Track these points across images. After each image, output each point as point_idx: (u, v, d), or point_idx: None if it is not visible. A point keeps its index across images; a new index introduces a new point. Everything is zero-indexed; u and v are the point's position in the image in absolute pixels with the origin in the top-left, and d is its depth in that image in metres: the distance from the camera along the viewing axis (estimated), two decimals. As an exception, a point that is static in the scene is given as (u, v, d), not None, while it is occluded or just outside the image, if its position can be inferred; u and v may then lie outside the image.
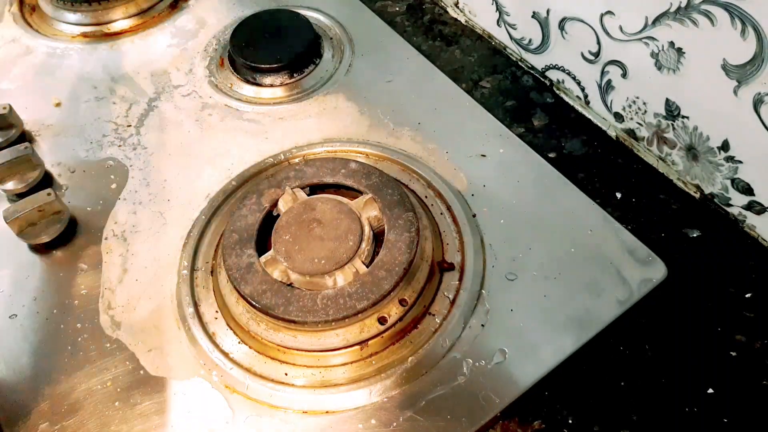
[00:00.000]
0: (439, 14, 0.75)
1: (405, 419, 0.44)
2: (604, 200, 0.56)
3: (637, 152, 0.59)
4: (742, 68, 0.46)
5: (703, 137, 0.52)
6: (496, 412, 0.45)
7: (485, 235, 0.53)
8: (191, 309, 0.51)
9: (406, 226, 0.50)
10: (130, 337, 0.50)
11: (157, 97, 0.67)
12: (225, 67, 0.70)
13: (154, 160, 0.62)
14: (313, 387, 0.46)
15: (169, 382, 0.47)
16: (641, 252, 0.51)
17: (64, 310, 0.52)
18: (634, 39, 0.53)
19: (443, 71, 0.67)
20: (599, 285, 0.50)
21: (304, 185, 0.54)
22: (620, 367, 0.47)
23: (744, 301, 0.49)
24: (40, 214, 0.56)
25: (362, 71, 0.68)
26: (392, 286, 0.47)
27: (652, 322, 0.49)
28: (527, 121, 0.63)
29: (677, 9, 0.48)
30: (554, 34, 0.61)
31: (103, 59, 0.72)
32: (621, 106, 0.59)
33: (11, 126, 0.63)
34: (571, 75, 0.62)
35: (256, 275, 0.48)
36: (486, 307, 0.49)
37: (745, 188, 0.51)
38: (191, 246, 0.55)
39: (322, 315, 0.46)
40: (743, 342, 0.47)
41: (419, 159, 0.59)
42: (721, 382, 0.45)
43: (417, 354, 0.47)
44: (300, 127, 0.63)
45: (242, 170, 0.60)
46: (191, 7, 0.77)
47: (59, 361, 0.49)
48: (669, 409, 0.45)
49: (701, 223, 0.54)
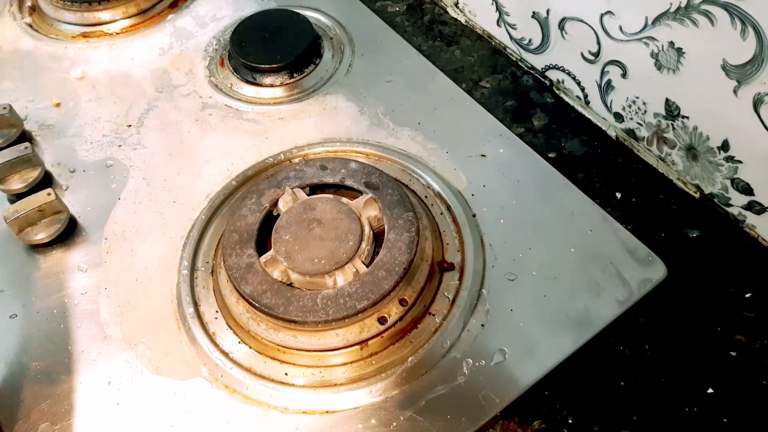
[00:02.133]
0: (439, 14, 0.75)
1: (405, 419, 0.44)
2: (604, 200, 0.56)
3: (637, 152, 0.59)
4: (742, 68, 0.46)
5: (703, 137, 0.52)
6: (496, 411, 0.45)
7: (485, 235, 0.53)
8: (191, 309, 0.51)
9: (406, 226, 0.50)
10: (130, 337, 0.50)
11: (157, 97, 0.67)
12: (225, 67, 0.70)
13: (154, 160, 0.62)
14: (313, 387, 0.47)
15: (169, 382, 0.47)
16: (641, 252, 0.51)
17: (64, 310, 0.52)
18: (634, 39, 0.53)
19: (443, 71, 0.67)
20: (599, 285, 0.50)
21: (304, 185, 0.54)
22: (620, 367, 0.47)
23: (744, 301, 0.49)
24: (40, 214, 0.56)
25: (362, 71, 0.68)
26: (392, 286, 0.47)
27: (652, 322, 0.49)
28: (527, 121, 0.63)
29: (677, 9, 0.48)
30: (554, 34, 0.61)
31: (103, 59, 0.72)
32: (621, 106, 0.59)
33: (11, 126, 0.63)
34: (571, 75, 0.62)
35: (256, 275, 0.48)
36: (486, 307, 0.49)
37: (745, 188, 0.51)
38: (191, 246, 0.55)
39: (322, 315, 0.46)
40: (743, 342, 0.47)
41: (419, 159, 0.59)
42: (721, 382, 0.45)
43: (417, 354, 0.47)
44: (300, 127, 0.63)
45: (242, 170, 0.60)
46: (191, 7, 0.77)
47: (59, 361, 0.49)
48: (669, 409, 0.45)
49: (701, 223, 0.54)
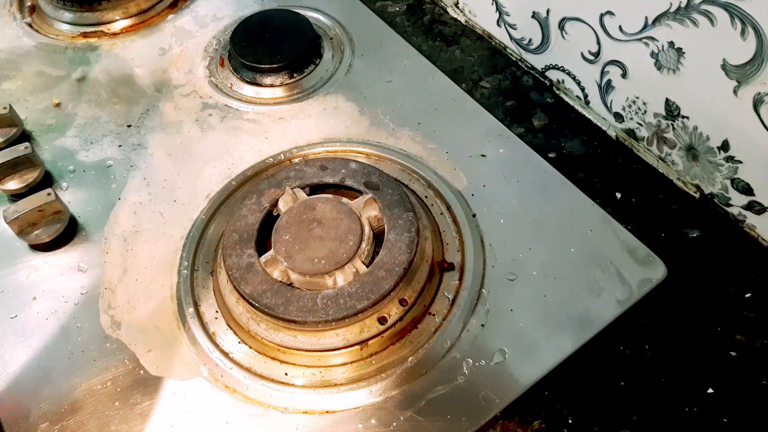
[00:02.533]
0: (439, 14, 0.75)
1: (405, 419, 0.44)
2: (604, 200, 0.56)
3: (637, 152, 0.59)
4: (742, 68, 0.46)
5: (703, 137, 0.52)
6: (496, 411, 0.45)
7: (485, 235, 0.53)
8: (191, 309, 0.51)
9: (406, 226, 0.50)
10: (130, 337, 0.50)
11: (157, 97, 0.67)
12: (225, 67, 0.70)
13: (154, 160, 0.62)
14: (313, 387, 0.47)
15: (169, 382, 0.47)
16: (641, 252, 0.51)
17: (64, 310, 0.52)
18: (634, 39, 0.53)
19: (443, 71, 0.67)
20: (599, 285, 0.50)
21: (304, 185, 0.54)
22: (620, 367, 0.47)
23: (744, 301, 0.49)
24: (40, 214, 0.56)
25: (362, 71, 0.68)
26: (392, 286, 0.47)
27: (652, 322, 0.49)
28: (527, 121, 0.63)
29: (677, 9, 0.48)
30: (554, 34, 0.61)
31: (103, 59, 0.72)
32: (621, 106, 0.59)
33: (11, 126, 0.63)
34: (571, 75, 0.62)
35: (256, 275, 0.48)
36: (486, 307, 0.49)
37: (745, 188, 0.51)
38: (191, 246, 0.55)
39: (322, 315, 0.46)
40: (743, 342, 0.47)
41: (419, 159, 0.59)
42: (721, 382, 0.45)
43: (417, 354, 0.47)
44: (300, 127, 0.63)
45: (242, 170, 0.60)
46: (191, 7, 0.77)
47: (59, 361, 0.49)
48: (669, 409, 0.45)
49: (701, 223, 0.54)
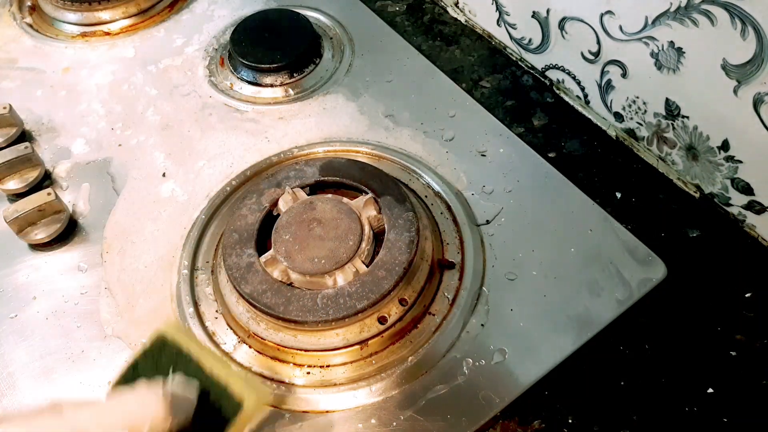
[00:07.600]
0: (439, 14, 0.75)
1: (405, 419, 0.44)
2: (604, 200, 0.56)
3: (637, 152, 0.59)
4: (742, 68, 0.46)
5: (703, 137, 0.52)
6: (496, 411, 0.45)
7: (485, 234, 0.53)
8: (191, 309, 0.51)
9: (406, 225, 0.50)
10: (130, 337, 0.50)
11: (157, 97, 0.67)
12: (225, 67, 0.70)
13: (154, 160, 0.62)
14: (313, 386, 0.47)
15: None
16: (641, 252, 0.51)
17: (64, 310, 0.52)
18: (634, 39, 0.53)
19: (443, 71, 0.67)
20: (599, 285, 0.50)
21: (304, 185, 0.54)
22: (620, 367, 0.47)
23: (744, 301, 0.49)
24: (40, 213, 0.56)
25: (362, 71, 0.68)
26: (392, 285, 0.47)
27: (652, 322, 0.49)
28: (527, 121, 0.63)
29: (677, 9, 0.48)
30: (554, 33, 0.61)
31: (103, 59, 0.72)
32: (621, 105, 0.59)
33: (11, 126, 0.63)
34: (571, 75, 0.62)
35: (256, 275, 0.48)
36: (486, 307, 0.49)
37: (745, 188, 0.51)
38: (191, 246, 0.55)
39: (322, 315, 0.46)
40: (743, 342, 0.47)
41: (419, 159, 0.59)
42: (721, 382, 0.45)
43: (417, 354, 0.47)
44: (300, 126, 0.63)
45: (242, 170, 0.60)
46: (191, 7, 0.77)
47: (59, 361, 0.49)
48: (669, 409, 0.45)
49: (701, 222, 0.54)
